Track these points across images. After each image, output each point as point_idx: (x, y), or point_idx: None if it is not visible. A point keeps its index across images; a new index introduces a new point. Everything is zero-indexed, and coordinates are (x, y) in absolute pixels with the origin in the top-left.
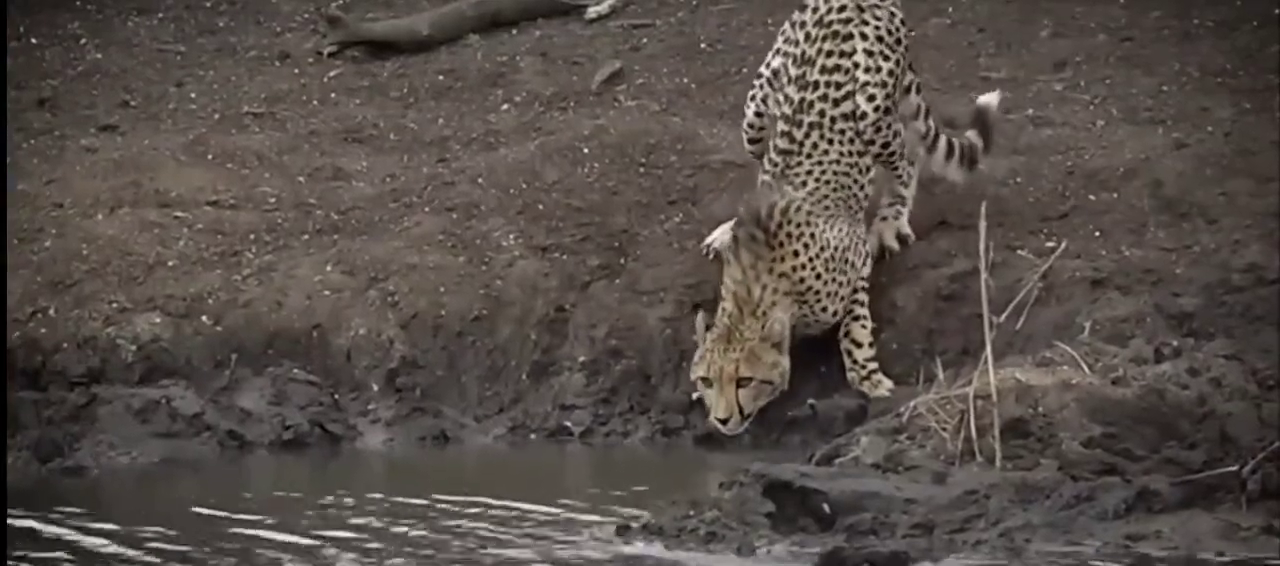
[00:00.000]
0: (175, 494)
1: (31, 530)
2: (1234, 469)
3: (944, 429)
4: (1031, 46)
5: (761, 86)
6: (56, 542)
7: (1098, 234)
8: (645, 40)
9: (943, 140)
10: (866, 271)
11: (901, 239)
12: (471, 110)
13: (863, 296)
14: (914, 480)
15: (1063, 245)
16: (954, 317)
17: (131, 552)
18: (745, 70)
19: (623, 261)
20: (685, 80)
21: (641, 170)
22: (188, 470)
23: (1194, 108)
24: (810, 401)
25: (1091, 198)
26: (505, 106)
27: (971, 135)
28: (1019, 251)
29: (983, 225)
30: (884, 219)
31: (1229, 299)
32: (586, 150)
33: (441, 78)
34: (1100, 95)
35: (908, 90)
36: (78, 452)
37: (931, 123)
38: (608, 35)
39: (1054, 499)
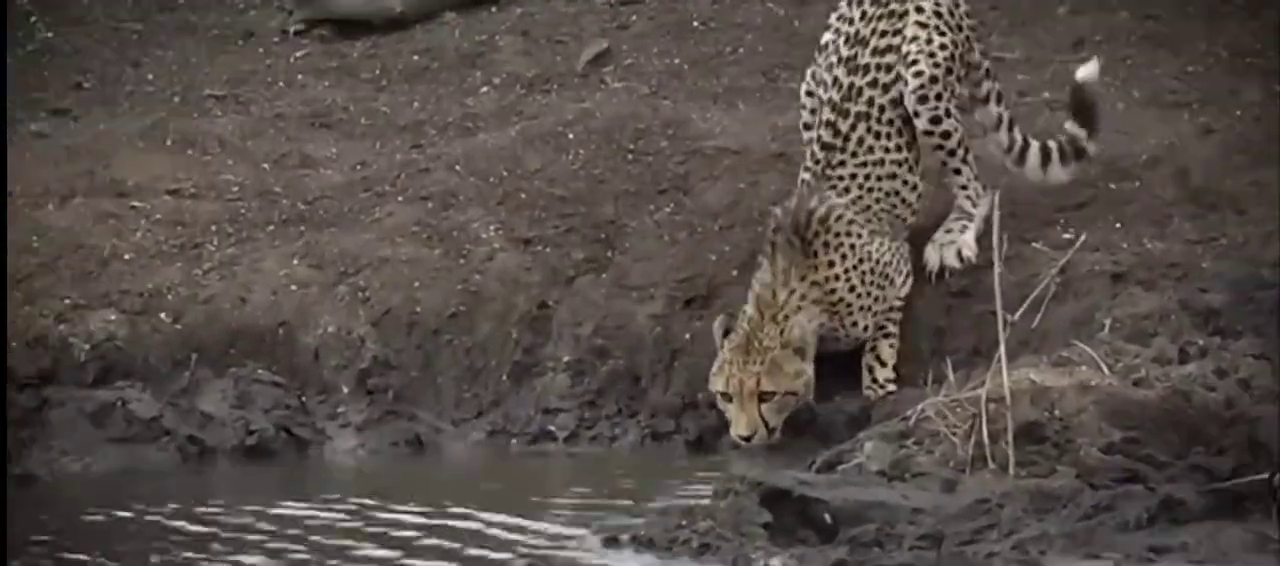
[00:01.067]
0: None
1: None
2: (1264, 476)
3: (954, 433)
4: (1047, 24)
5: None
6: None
7: (1119, 225)
8: (634, 18)
9: (1034, 148)
10: (905, 291)
11: (962, 258)
12: (448, 93)
13: (897, 315)
14: (922, 488)
15: (1081, 237)
16: (965, 315)
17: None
18: (741, 50)
19: (610, 254)
20: (676, 60)
21: (630, 157)
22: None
23: (1222, 90)
24: (809, 404)
25: (1112, 187)
26: (484, 89)
27: (1071, 126)
28: (1034, 244)
29: (996, 217)
30: (948, 232)
31: (1259, 295)
32: (571, 135)
33: (416, 58)
34: (1122, 77)
35: (985, 100)
36: (28, 459)
37: (1016, 134)
38: (593, 13)
39: (1072, 508)
